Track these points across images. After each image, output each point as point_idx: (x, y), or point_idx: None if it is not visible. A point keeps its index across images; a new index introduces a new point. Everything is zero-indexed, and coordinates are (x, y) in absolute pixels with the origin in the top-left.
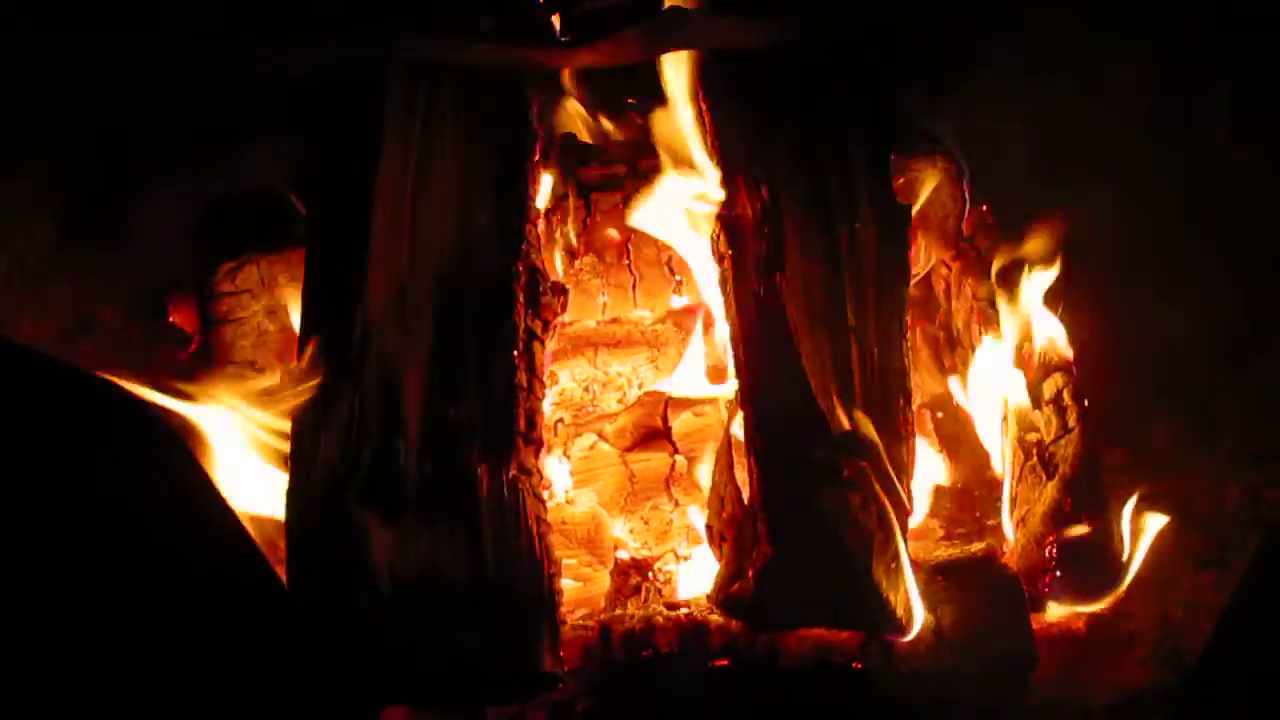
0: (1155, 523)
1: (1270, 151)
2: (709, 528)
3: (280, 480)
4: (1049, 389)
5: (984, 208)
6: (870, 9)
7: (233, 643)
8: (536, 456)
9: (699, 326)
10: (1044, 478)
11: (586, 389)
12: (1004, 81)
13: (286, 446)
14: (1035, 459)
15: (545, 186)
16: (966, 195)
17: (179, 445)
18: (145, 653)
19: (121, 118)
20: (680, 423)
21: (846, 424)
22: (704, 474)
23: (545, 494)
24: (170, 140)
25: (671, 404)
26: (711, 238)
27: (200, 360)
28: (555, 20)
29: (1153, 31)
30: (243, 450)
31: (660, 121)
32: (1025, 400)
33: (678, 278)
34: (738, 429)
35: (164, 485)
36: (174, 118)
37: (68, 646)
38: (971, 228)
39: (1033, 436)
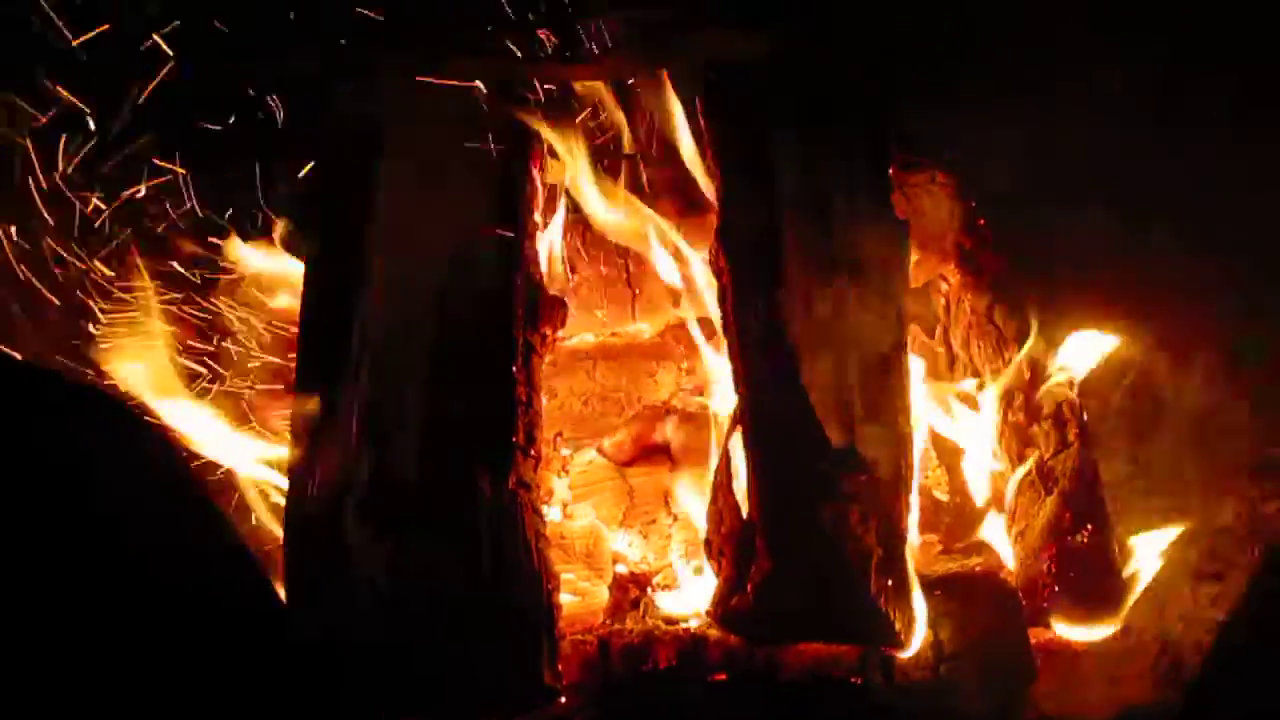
0: (1161, 539)
1: (1270, 159)
2: (708, 542)
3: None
4: (1048, 404)
5: (982, 222)
6: (868, 23)
7: (226, 651)
8: (535, 470)
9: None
10: (1043, 493)
11: (585, 403)
12: (1004, 94)
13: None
14: (1034, 474)
15: (545, 201)
16: (966, 209)
17: (174, 451)
18: (139, 659)
19: (123, 126)
20: (679, 437)
21: (846, 439)
22: (703, 489)
23: (544, 507)
24: (170, 151)
25: (670, 418)
26: (710, 252)
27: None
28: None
29: (1152, 41)
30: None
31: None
32: (1024, 415)
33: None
34: (737, 444)
35: (159, 491)
36: (175, 130)
37: (62, 650)
38: (971, 242)
39: (1032, 451)
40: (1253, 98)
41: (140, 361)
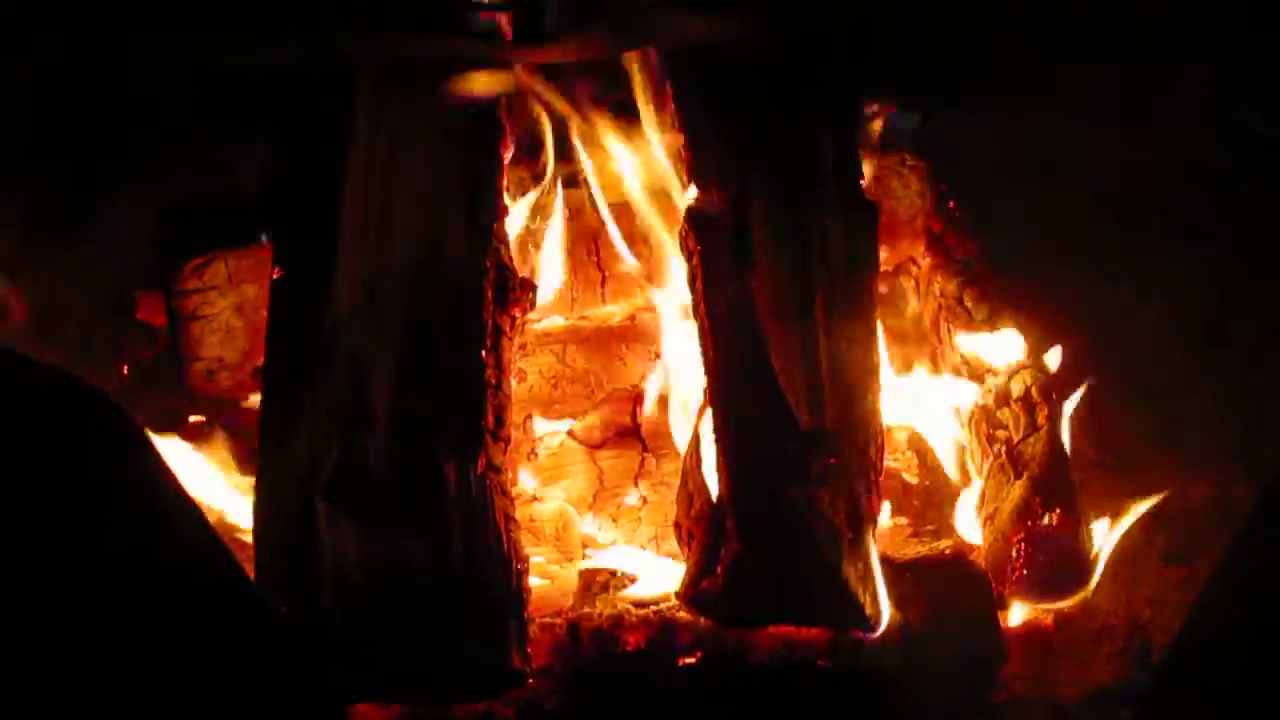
0: (1124, 522)
1: (1239, 149)
2: (677, 525)
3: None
4: (1017, 386)
5: (952, 204)
6: (840, 5)
7: (201, 641)
8: (504, 453)
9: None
10: (1012, 476)
11: (555, 385)
12: (975, 79)
13: None
14: (1004, 457)
15: (514, 183)
16: (936, 192)
17: (144, 440)
18: (113, 651)
19: (90, 116)
20: (649, 420)
21: (815, 421)
22: (673, 471)
23: (513, 491)
24: (139, 138)
25: (640, 401)
26: (680, 234)
27: (167, 357)
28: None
29: (1124, 30)
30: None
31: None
32: (993, 398)
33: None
34: (706, 426)
35: (130, 480)
36: (143, 115)
37: (35, 643)
38: (940, 224)
39: (1001, 434)
40: (1228, 88)
41: None
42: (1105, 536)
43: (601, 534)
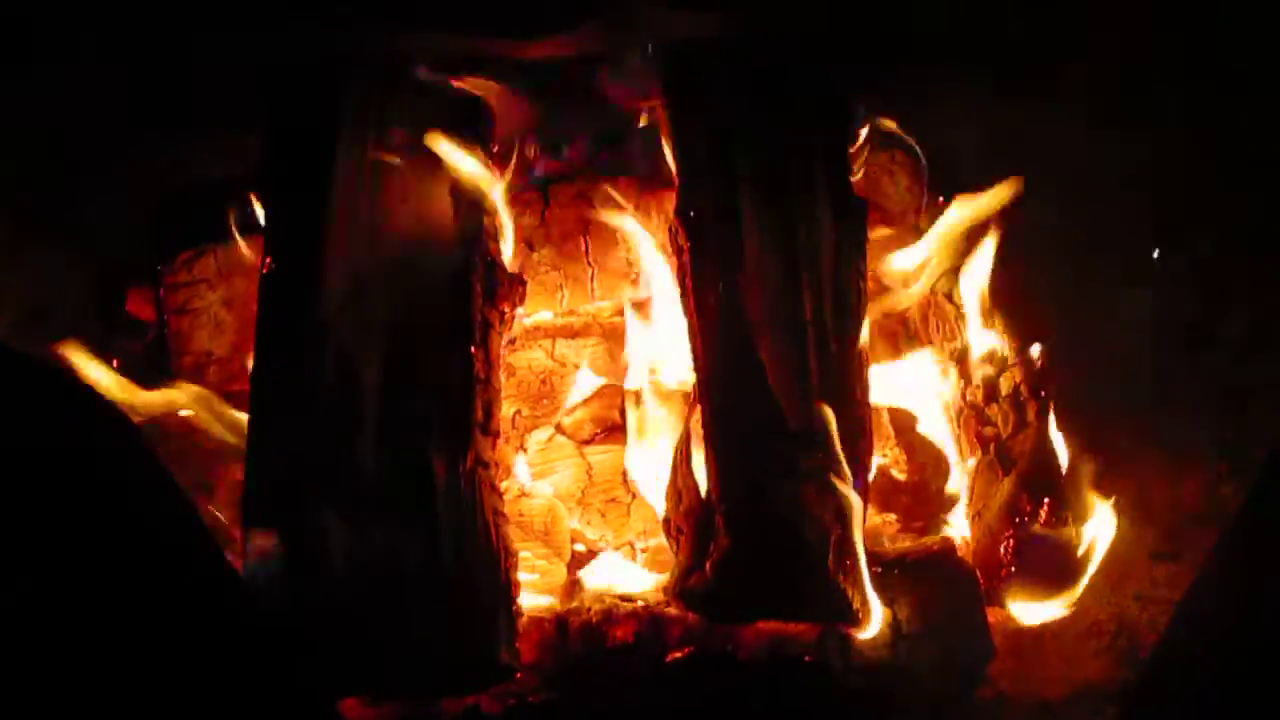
0: (1112, 520)
1: (1223, 146)
2: (666, 521)
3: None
4: (1006, 384)
5: (941, 200)
6: (828, 2)
7: (192, 638)
8: (494, 448)
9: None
10: (1001, 473)
11: (544, 381)
12: (963, 77)
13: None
14: (992, 454)
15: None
16: (924, 189)
17: (133, 433)
18: (106, 648)
19: (81, 109)
20: (638, 416)
21: (804, 418)
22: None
23: (502, 486)
24: (130, 131)
25: (629, 397)
26: (670, 232)
27: (156, 350)
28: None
29: (1107, 30)
30: None
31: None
32: (982, 395)
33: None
34: (696, 423)
35: (120, 476)
36: (134, 109)
37: (28, 641)
38: (929, 222)
39: (990, 431)
40: (1215, 89)
41: None
42: (1093, 535)
43: (590, 529)
